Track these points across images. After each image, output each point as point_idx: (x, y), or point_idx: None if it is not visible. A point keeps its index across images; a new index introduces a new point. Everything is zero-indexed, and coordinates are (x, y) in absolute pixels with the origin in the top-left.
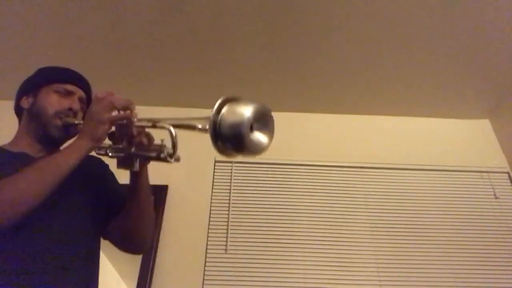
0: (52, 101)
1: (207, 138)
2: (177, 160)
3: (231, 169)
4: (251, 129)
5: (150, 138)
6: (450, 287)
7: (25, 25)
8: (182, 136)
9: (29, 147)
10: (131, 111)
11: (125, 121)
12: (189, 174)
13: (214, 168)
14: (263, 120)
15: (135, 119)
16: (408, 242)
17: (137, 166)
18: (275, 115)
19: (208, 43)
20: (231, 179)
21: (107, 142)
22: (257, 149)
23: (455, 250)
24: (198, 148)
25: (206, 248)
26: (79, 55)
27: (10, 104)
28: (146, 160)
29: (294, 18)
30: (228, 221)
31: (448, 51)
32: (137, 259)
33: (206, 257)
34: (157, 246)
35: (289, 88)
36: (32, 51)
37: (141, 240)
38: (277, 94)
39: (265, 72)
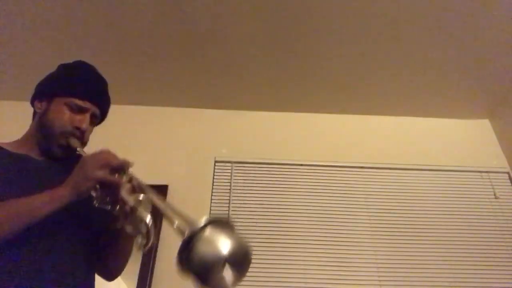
0: (61, 118)
1: (207, 138)
2: (151, 248)
3: (231, 169)
4: (224, 263)
5: (133, 208)
6: (450, 287)
7: (25, 26)
8: (183, 134)
9: (33, 152)
10: (121, 178)
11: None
12: (189, 174)
13: (214, 168)
14: (240, 259)
15: (123, 186)
16: (408, 242)
17: (119, 224)
18: (275, 115)
19: (208, 43)
20: (231, 179)
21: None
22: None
23: (455, 250)
24: (198, 147)
25: None
26: (79, 55)
27: (10, 104)
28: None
29: (294, 19)
30: None
31: (448, 51)
32: (137, 259)
33: None
34: (157, 246)
35: (289, 88)
36: (32, 51)
37: (110, 273)
38: (277, 94)
39: (265, 72)
